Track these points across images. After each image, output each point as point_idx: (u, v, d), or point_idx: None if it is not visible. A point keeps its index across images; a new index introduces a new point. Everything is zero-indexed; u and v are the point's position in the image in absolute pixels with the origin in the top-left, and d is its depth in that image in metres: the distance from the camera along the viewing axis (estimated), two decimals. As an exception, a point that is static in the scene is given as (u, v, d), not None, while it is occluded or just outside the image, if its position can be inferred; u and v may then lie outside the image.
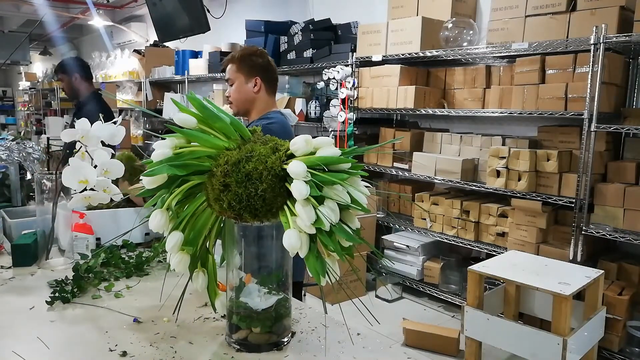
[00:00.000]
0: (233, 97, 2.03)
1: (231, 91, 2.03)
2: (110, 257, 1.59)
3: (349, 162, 1.01)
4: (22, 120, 13.16)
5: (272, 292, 1.11)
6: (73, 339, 1.14)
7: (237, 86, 2.00)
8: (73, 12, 8.87)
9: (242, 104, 2.03)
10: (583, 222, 2.91)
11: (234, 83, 2.00)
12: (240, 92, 2.00)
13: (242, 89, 2.00)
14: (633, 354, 2.80)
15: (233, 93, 2.02)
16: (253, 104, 2.03)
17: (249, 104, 2.03)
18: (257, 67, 2.00)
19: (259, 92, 2.02)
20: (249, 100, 2.02)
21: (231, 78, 2.00)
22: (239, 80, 1.99)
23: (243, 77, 1.98)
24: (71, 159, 1.38)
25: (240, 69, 1.98)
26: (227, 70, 2.02)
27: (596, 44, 2.78)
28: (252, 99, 2.02)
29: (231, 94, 2.03)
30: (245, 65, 1.98)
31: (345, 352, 1.12)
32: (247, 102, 2.02)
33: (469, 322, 2.32)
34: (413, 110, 3.75)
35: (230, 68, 2.00)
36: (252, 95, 2.01)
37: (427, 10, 3.77)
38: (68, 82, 3.43)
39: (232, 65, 2.00)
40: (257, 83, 2.00)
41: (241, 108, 2.04)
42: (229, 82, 2.02)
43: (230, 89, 2.02)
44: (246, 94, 2.01)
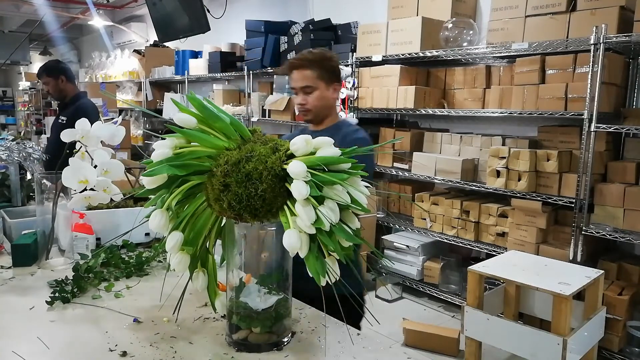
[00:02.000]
0: (313, 104, 1.84)
1: (309, 99, 1.84)
2: (110, 257, 1.59)
3: (349, 162, 1.01)
4: (22, 120, 13.15)
5: (272, 292, 1.11)
6: (73, 339, 1.14)
7: (320, 93, 1.83)
8: (73, 12, 8.87)
9: (321, 112, 1.87)
10: (583, 222, 2.91)
11: (313, 90, 1.82)
12: (322, 99, 1.84)
13: (324, 95, 1.85)
14: (633, 354, 2.80)
15: (314, 100, 1.83)
16: (330, 110, 1.91)
17: (327, 111, 1.90)
18: (336, 72, 1.89)
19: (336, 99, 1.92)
20: (327, 108, 1.89)
21: (312, 85, 1.82)
22: (320, 87, 1.83)
23: (324, 83, 1.84)
24: (71, 159, 1.38)
25: (321, 76, 1.83)
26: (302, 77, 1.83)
27: (596, 44, 2.78)
28: (331, 106, 1.90)
29: (310, 102, 1.84)
30: (326, 71, 1.84)
31: (345, 352, 1.12)
32: (326, 109, 1.88)
33: (469, 322, 2.32)
34: (413, 110, 3.75)
35: (309, 74, 1.81)
36: (331, 102, 1.89)
37: (427, 10, 3.77)
38: (54, 84, 3.59)
39: (310, 71, 1.81)
40: (337, 89, 1.89)
41: (319, 116, 1.88)
42: (307, 89, 1.82)
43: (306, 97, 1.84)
44: (327, 101, 1.87)
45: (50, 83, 3.57)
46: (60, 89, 3.60)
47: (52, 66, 3.66)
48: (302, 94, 1.84)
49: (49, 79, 3.57)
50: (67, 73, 3.65)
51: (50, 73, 3.57)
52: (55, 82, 3.57)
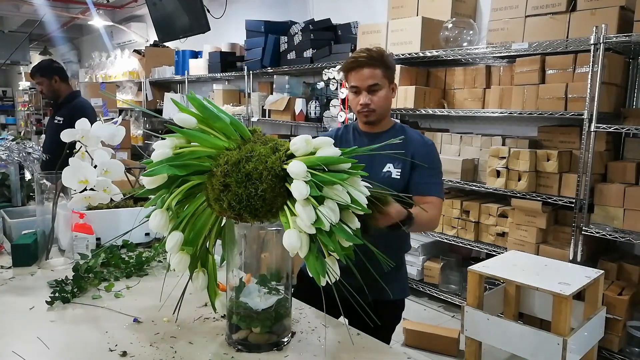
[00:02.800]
0: (379, 104, 1.71)
1: (374, 98, 1.70)
2: (110, 257, 1.59)
3: (349, 162, 1.01)
4: (22, 120, 13.15)
5: (272, 292, 1.11)
6: (73, 339, 1.14)
7: (384, 93, 1.71)
8: (73, 12, 8.87)
9: (384, 112, 1.75)
10: (583, 222, 2.91)
11: (380, 89, 1.70)
12: (387, 99, 1.73)
13: (388, 95, 1.73)
14: (633, 354, 2.80)
15: (379, 100, 1.70)
16: (389, 112, 1.80)
17: (388, 112, 1.79)
18: (395, 71, 1.77)
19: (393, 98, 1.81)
20: (389, 108, 1.78)
21: (379, 84, 1.69)
22: (385, 86, 1.71)
23: (388, 82, 1.72)
24: (71, 159, 1.38)
25: (386, 74, 1.71)
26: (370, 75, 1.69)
27: (596, 44, 2.78)
28: (390, 106, 1.80)
29: (375, 101, 1.70)
30: (389, 69, 1.72)
31: (345, 352, 1.12)
32: (388, 109, 1.77)
33: (469, 322, 2.32)
34: (413, 110, 3.75)
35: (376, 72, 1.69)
36: (391, 102, 1.79)
37: (427, 10, 3.77)
38: (48, 84, 3.56)
39: (377, 70, 1.69)
40: (395, 90, 1.78)
41: (382, 116, 1.76)
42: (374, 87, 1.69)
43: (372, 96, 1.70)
44: (389, 102, 1.76)
45: (44, 83, 3.54)
46: (54, 89, 3.57)
47: (45, 66, 3.63)
48: (366, 93, 1.70)
49: (43, 79, 3.54)
50: (61, 73, 3.61)
51: (43, 73, 3.53)
52: (48, 82, 3.54)
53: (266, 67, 5.03)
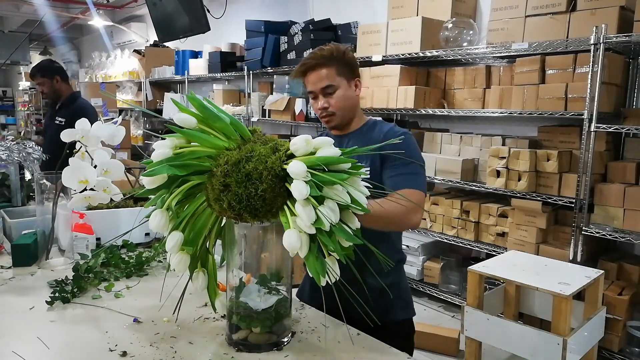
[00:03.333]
0: (337, 106, 1.59)
1: (331, 101, 1.58)
2: (110, 257, 1.59)
3: (349, 162, 1.01)
4: (22, 120, 13.15)
5: (272, 292, 1.11)
6: (73, 339, 1.14)
7: (342, 93, 1.58)
8: (73, 12, 8.87)
9: (348, 113, 1.62)
10: (583, 222, 2.91)
11: (336, 90, 1.58)
12: (346, 99, 1.59)
13: (348, 94, 1.60)
14: (633, 354, 2.80)
15: (337, 102, 1.58)
16: (355, 111, 1.66)
17: (353, 111, 1.64)
18: (355, 66, 1.64)
19: (358, 97, 1.66)
20: (354, 107, 1.64)
21: (333, 84, 1.57)
22: (343, 85, 1.58)
23: (345, 80, 1.59)
24: (71, 159, 1.39)
25: (341, 72, 1.58)
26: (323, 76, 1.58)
27: (596, 44, 2.78)
28: (356, 105, 1.65)
29: (333, 103, 1.58)
30: (345, 65, 1.59)
31: (345, 352, 1.12)
32: (352, 109, 1.63)
33: (469, 322, 2.32)
34: (413, 110, 3.75)
35: (328, 73, 1.57)
36: (355, 101, 1.64)
37: (427, 10, 3.77)
38: (50, 85, 3.55)
39: (330, 69, 1.57)
40: (359, 86, 1.65)
41: (346, 118, 1.63)
42: (328, 89, 1.57)
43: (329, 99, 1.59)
44: (352, 100, 1.62)
45: (46, 84, 3.53)
46: (55, 89, 3.56)
47: (46, 66, 3.61)
48: (322, 96, 1.59)
49: (44, 80, 3.52)
50: (62, 72, 3.61)
51: (44, 74, 3.52)
52: (50, 83, 3.52)
53: (266, 67, 5.03)
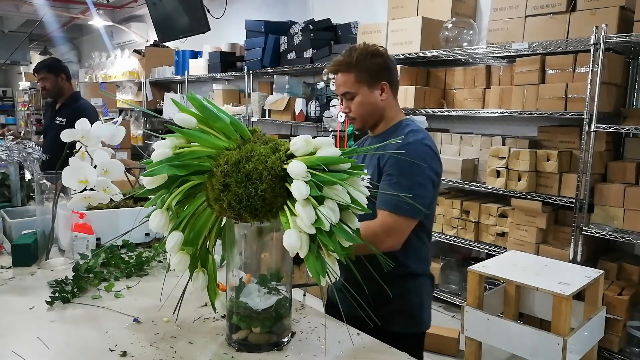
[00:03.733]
0: (356, 112, 1.60)
1: (351, 106, 1.60)
2: (110, 257, 1.59)
3: (349, 162, 1.01)
4: (22, 120, 13.15)
5: (272, 292, 1.11)
6: (73, 339, 1.14)
7: (362, 99, 1.58)
8: (73, 12, 8.87)
9: (369, 118, 1.62)
10: (583, 222, 2.91)
11: (354, 96, 1.58)
12: (366, 105, 1.59)
13: (368, 100, 1.58)
14: (633, 354, 2.79)
15: (356, 108, 1.59)
16: (382, 114, 1.63)
17: (377, 116, 1.63)
18: (380, 69, 1.60)
19: (387, 98, 1.62)
20: (377, 112, 1.62)
21: (351, 91, 1.58)
22: (361, 92, 1.58)
23: (366, 86, 1.57)
24: (71, 159, 1.39)
25: (360, 78, 1.57)
26: (341, 83, 1.60)
27: (596, 44, 2.78)
28: (381, 109, 1.62)
29: (353, 109, 1.60)
30: (365, 72, 1.57)
31: (345, 352, 1.12)
32: (375, 114, 1.62)
33: (469, 322, 2.32)
34: (413, 110, 3.75)
35: (346, 79, 1.58)
36: (380, 105, 1.61)
37: (427, 10, 3.77)
38: (54, 81, 3.60)
39: (348, 76, 1.57)
40: (385, 89, 1.60)
41: (368, 123, 1.64)
42: (347, 95, 1.59)
43: (349, 104, 1.61)
44: (373, 106, 1.60)
45: (50, 79, 3.58)
46: (59, 87, 3.61)
47: (53, 63, 3.69)
48: (345, 100, 1.62)
49: (49, 75, 3.57)
50: (67, 72, 3.67)
51: (51, 69, 3.58)
52: (55, 79, 3.58)
53: (266, 67, 5.03)
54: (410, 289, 1.60)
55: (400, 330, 1.56)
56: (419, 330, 1.64)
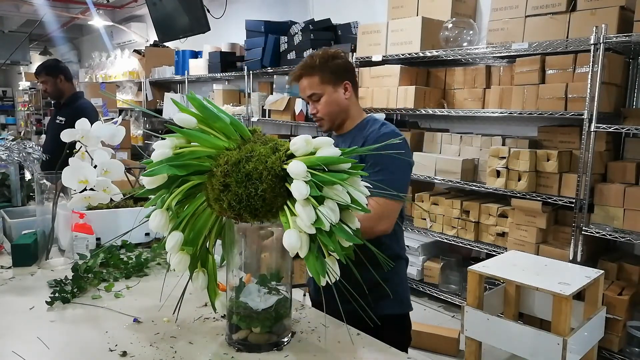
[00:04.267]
0: (324, 112, 1.68)
1: (318, 107, 1.68)
2: (109, 257, 1.59)
3: (349, 162, 1.01)
4: (22, 120, 13.15)
5: (272, 292, 1.11)
6: (73, 339, 1.14)
7: (327, 99, 1.66)
8: (73, 12, 8.87)
9: (336, 117, 1.70)
10: (583, 222, 2.91)
11: (321, 97, 1.66)
12: (332, 104, 1.67)
13: (333, 99, 1.67)
14: (633, 354, 2.80)
15: (323, 108, 1.67)
16: (347, 112, 1.71)
17: (343, 115, 1.71)
18: (342, 70, 1.69)
19: (351, 97, 1.71)
20: (343, 111, 1.70)
21: (317, 92, 1.66)
22: (327, 91, 1.66)
23: (330, 86, 1.66)
24: (71, 159, 1.39)
25: (325, 79, 1.65)
26: (306, 85, 1.68)
27: (596, 44, 2.78)
28: (346, 108, 1.70)
29: (319, 110, 1.68)
30: (328, 72, 1.66)
31: (345, 352, 1.12)
32: (341, 113, 1.70)
33: (469, 322, 2.32)
34: (413, 110, 3.75)
35: (311, 81, 1.66)
36: (345, 104, 1.69)
37: (427, 10, 3.77)
38: (53, 83, 3.61)
39: (312, 78, 1.66)
40: (348, 88, 1.69)
41: (336, 122, 1.71)
42: (313, 97, 1.67)
43: (316, 105, 1.68)
44: (339, 105, 1.68)
45: (49, 82, 3.59)
46: (58, 89, 3.62)
47: (51, 65, 3.68)
48: (311, 102, 1.70)
49: (48, 78, 3.58)
50: (66, 72, 3.66)
51: (49, 72, 3.59)
52: (54, 81, 3.58)
53: (266, 67, 5.03)
54: (394, 271, 1.63)
55: (391, 312, 1.66)
56: (406, 311, 1.77)
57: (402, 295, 1.75)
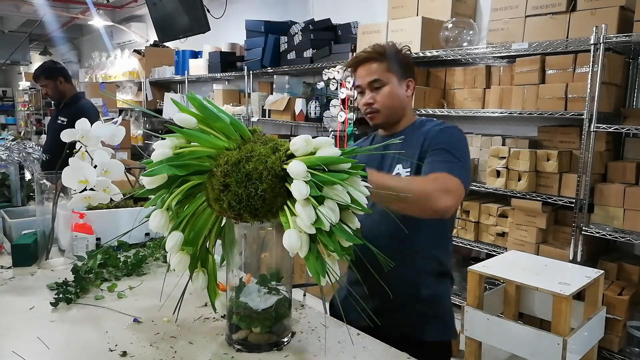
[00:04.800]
0: (383, 103, 1.54)
1: (377, 97, 1.54)
2: (107, 258, 1.58)
3: (349, 162, 1.01)
4: (22, 120, 13.15)
5: (272, 292, 1.11)
6: (73, 339, 1.14)
7: (391, 90, 1.53)
8: (73, 12, 8.87)
9: (394, 112, 1.56)
10: (583, 222, 2.91)
11: (383, 86, 1.53)
12: (394, 97, 1.54)
13: (397, 92, 1.54)
14: (633, 354, 2.79)
15: (384, 99, 1.53)
16: (404, 111, 1.59)
17: (401, 112, 1.58)
18: (410, 66, 1.60)
19: (410, 98, 1.61)
20: (402, 108, 1.58)
21: (381, 79, 1.53)
22: (392, 81, 1.53)
23: (396, 78, 1.55)
24: (71, 159, 1.38)
25: (392, 69, 1.54)
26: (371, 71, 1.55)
27: (596, 44, 2.78)
28: (405, 105, 1.58)
29: (378, 100, 1.54)
30: (397, 63, 1.55)
31: (345, 352, 1.12)
32: (400, 109, 1.57)
33: (469, 322, 2.32)
34: (413, 110, 3.74)
35: (378, 67, 1.54)
36: (405, 101, 1.58)
37: (427, 10, 3.77)
38: (53, 86, 3.59)
39: (379, 64, 1.54)
40: (410, 86, 1.59)
41: (391, 117, 1.57)
42: (375, 84, 1.54)
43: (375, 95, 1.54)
44: (400, 100, 1.56)
45: (49, 85, 3.57)
46: (59, 91, 3.61)
47: (49, 67, 3.66)
48: (369, 91, 1.54)
49: (48, 81, 3.57)
50: (65, 73, 3.65)
51: (48, 75, 3.57)
52: (54, 84, 3.57)
53: (266, 67, 5.03)
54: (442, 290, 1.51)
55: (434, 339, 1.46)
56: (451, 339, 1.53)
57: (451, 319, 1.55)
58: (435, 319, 1.47)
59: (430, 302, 1.31)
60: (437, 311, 1.47)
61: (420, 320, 1.44)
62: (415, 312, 1.39)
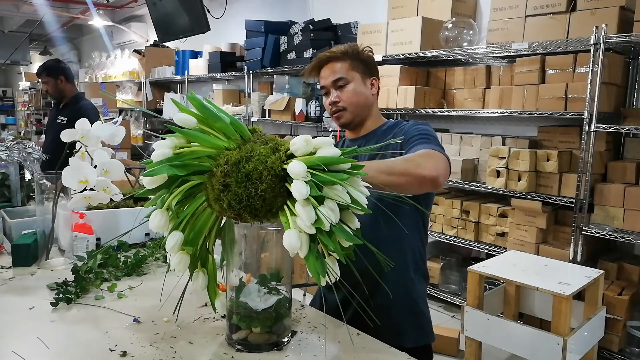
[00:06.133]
0: (348, 101, 1.53)
1: (342, 95, 1.53)
2: (107, 258, 1.58)
3: (349, 162, 1.01)
4: (22, 120, 13.15)
5: (272, 292, 1.11)
6: (73, 339, 1.14)
7: (355, 87, 1.53)
8: (73, 12, 8.87)
9: (360, 110, 1.56)
10: (583, 222, 2.91)
11: (347, 84, 1.53)
12: (359, 94, 1.54)
13: (361, 89, 1.55)
14: (633, 354, 2.80)
15: (348, 96, 1.53)
16: (370, 110, 1.59)
17: (367, 110, 1.58)
18: (372, 64, 1.60)
19: (375, 97, 1.61)
20: (367, 106, 1.57)
21: (345, 77, 1.53)
22: (355, 79, 1.54)
23: (359, 75, 1.55)
24: (71, 159, 1.38)
25: (355, 66, 1.54)
26: (334, 70, 1.54)
27: (596, 44, 2.78)
28: (370, 104, 1.59)
29: (343, 98, 1.53)
30: (359, 61, 1.56)
31: (345, 352, 1.12)
32: (365, 107, 1.57)
33: (469, 322, 2.32)
34: (413, 110, 3.75)
35: (341, 66, 1.53)
36: (370, 99, 1.58)
37: (427, 10, 3.77)
38: (54, 84, 3.62)
39: (342, 63, 1.53)
40: (375, 84, 1.60)
41: (358, 115, 1.56)
42: (339, 82, 1.53)
43: (340, 93, 1.54)
44: (365, 98, 1.56)
45: (50, 83, 3.60)
46: (59, 89, 3.63)
47: (51, 66, 3.69)
48: (333, 90, 1.54)
49: (49, 79, 3.59)
50: (67, 73, 3.67)
51: (50, 73, 3.60)
52: (54, 82, 3.59)
53: (266, 67, 5.03)
54: (419, 294, 1.51)
55: (413, 345, 1.44)
56: (430, 342, 1.53)
57: (429, 323, 1.54)
58: (414, 324, 1.47)
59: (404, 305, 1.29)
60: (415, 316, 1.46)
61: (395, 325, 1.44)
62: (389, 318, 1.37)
